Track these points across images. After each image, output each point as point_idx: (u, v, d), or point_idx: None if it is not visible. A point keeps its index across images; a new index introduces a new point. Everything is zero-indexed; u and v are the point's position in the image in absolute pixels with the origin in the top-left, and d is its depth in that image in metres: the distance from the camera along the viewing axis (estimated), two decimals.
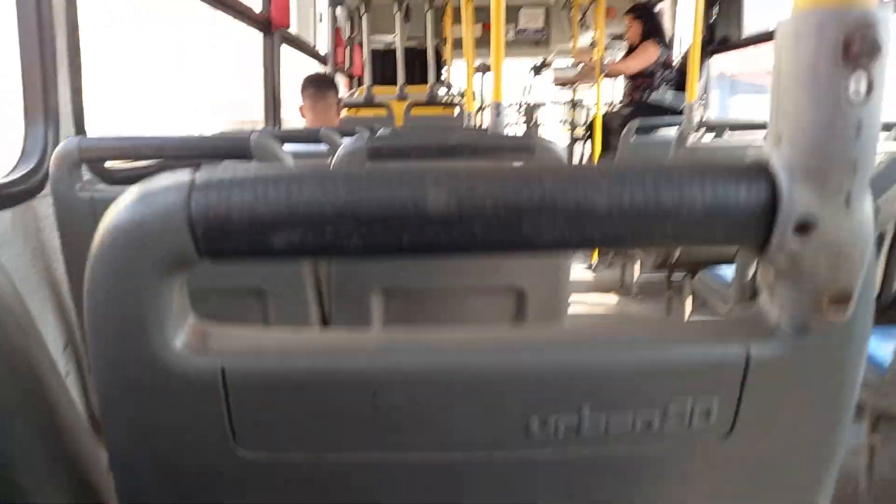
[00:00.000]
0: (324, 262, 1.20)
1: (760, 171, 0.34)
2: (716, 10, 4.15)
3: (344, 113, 3.52)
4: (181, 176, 0.34)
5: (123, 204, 0.35)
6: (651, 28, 4.04)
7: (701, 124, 2.55)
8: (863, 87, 0.32)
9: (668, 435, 0.40)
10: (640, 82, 4.07)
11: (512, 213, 0.33)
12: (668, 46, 4.04)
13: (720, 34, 4.18)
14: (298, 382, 0.38)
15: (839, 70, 0.32)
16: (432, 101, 4.35)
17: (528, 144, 1.14)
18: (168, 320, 0.36)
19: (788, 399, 0.40)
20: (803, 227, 0.34)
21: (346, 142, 1.81)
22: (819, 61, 0.32)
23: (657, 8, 4.95)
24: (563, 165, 0.35)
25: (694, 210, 0.34)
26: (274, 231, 0.34)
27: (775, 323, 0.38)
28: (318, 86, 2.67)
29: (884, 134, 2.13)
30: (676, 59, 4.26)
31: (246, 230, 0.34)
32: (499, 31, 1.77)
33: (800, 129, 0.33)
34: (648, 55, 3.96)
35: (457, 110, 4.55)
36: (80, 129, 1.42)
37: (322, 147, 1.90)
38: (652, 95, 4.00)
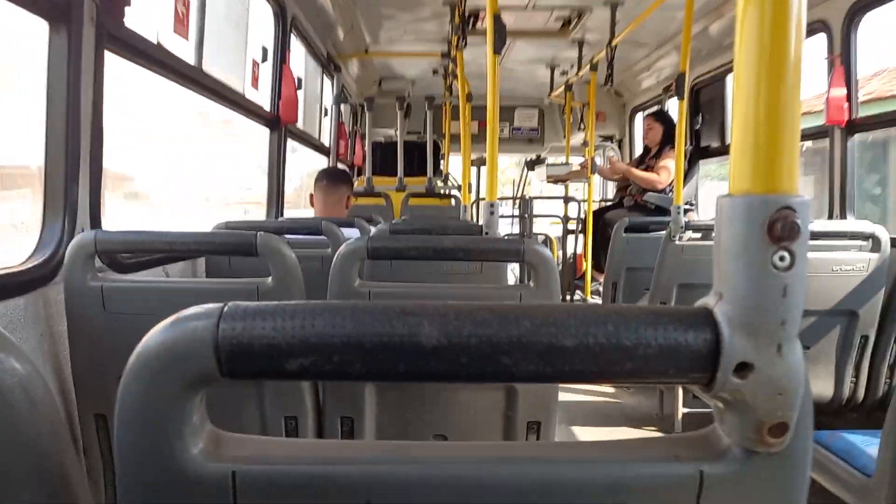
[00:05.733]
0: None
1: (706, 320, 0.40)
2: (699, 119, 4.37)
3: None
4: (211, 307, 0.40)
5: (160, 327, 0.40)
6: (671, 135, 3.78)
7: (688, 226, 2.67)
8: (787, 260, 0.38)
9: None
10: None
11: (493, 349, 0.39)
12: None
13: (706, 142, 4.38)
14: (299, 488, 0.43)
15: (765, 246, 0.38)
16: (430, 192, 4.50)
17: (518, 249, 1.21)
18: (187, 428, 0.41)
19: None
20: (742, 369, 0.39)
21: (346, 237, 1.89)
22: (749, 237, 0.39)
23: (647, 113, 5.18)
24: (538, 306, 0.41)
25: (649, 350, 0.40)
26: (289, 358, 0.39)
27: (726, 445, 0.43)
28: (331, 180, 2.69)
29: (861, 243, 2.23)
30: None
31: (265, 356, 0.39)
32: (494, 133, 1.89)
33: (737, 289, 0.40)
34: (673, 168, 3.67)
35: (452, 201, 4.70)
36: (95, 221, 1.48)
37: (323, 237, 1.98)
38: (647, 195, 4.12)
